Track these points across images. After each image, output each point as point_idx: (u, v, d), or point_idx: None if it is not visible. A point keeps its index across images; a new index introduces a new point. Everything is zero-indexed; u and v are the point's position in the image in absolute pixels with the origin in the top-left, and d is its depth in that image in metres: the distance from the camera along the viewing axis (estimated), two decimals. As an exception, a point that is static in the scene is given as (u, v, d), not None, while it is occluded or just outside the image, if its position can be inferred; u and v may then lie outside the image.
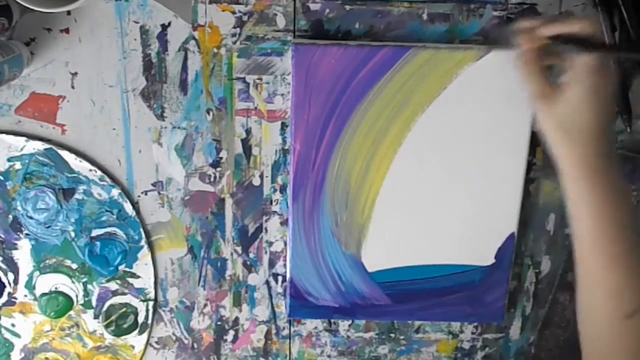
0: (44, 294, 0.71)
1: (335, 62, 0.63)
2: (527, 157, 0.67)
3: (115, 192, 0.69)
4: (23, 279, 0.72)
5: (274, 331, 0.75)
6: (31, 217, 0.70)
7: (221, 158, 0.69)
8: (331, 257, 0.69)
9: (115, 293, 0.72)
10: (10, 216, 0.70)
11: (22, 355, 0.74)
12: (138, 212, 0.70)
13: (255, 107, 0.67)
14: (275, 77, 0.66)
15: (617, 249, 0.54)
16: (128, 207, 0.69)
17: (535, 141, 0.67)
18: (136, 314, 0.73)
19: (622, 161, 0.69)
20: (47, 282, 0.71)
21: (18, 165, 0.68)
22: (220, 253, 0.72)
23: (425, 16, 0.65)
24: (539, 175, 0.70)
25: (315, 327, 0.75)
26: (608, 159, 0.56)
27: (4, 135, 0.67)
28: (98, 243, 0.70)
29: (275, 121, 0.68)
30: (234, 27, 0.65)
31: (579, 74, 0.54)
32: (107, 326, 0.72)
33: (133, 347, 0.74)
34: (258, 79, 0.66)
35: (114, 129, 0.68)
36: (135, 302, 0.73)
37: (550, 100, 0.55)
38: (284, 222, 0.71)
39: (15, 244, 0.71)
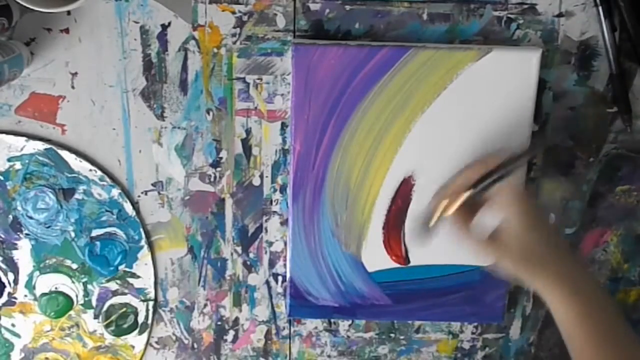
0: (44, 294, 0.71)
1: (335, 62, 0.63)
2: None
3: (115, 192, 0.69)
4: (23, 279, 0.72)
5: (274, 331, 0.75)
6: (31, 217, 0.70)
7: (221, 158, 0.69)
8: (331, 257, 0.69)
9: (115, 293, 0.72)
10: (10, 216, 0.70)
11: (22, 355, 0.74)
12: (138, 212, 0.70)
13: (255, 107, 0.67)
14: (275, 77, 0.66)
15: (615, 351, 0.55)
16: (128, 207, 0.70)
17: (535, 141, 0.68)
18: (136, 314, 0.73)
19: (622, 161, 0.69)
20: (47, 282, 0.71)
21: (18, 165, 0.68)
22: (220, 253, 0.72)
23: (425, 16, 0.65)
24: (539, 175, 0.70)
25: (315, 327, 0.75)
26: (574, 256, 0.59)
27: (4, 135, 0.67)
28: (98, 243, 0.70)
29: (275, 121, 0.68)
30: (234, 27, 0.65)
31: (500, 210, 0.57)
32: (107, 326, 0.72)
33: (133, 347, 0.74)
34: (258, 79, 0.66)
35: (114, 129, 0.68)
36: (135, 302, 0.73)
37: (493, 247, 0.58)
38: (284, 222, 0.71)
39: (15, 244, 0.71)
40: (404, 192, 0.67)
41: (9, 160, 0.68)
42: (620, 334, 0.56)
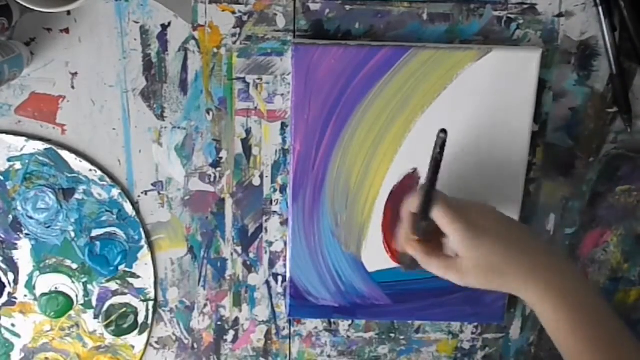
0: (44, 294, 0.71)
1: (335, 62, 0.63)
2: (527, 157, 0.67)
3: (115, 192, 0.69)
4: (23, 279, 0.72)
5: (274, 331, 0.75)
6: (31, 217, 0.70)
7: (221, 158, 0.69)
8: (331, 257, 0.69)
9: (115, 293, 0.72)
10: (10, 216, 0.70)
11: (22, 355, 0.74)
12: (138, 212, 0.70)
13: (255, 107, 0.67)
14: (275, 77, 0.66)
15: (600, 341, 0.53)
16: (128, 207, 0.70)
17: (535, 141, 0.68)
18: (136, 314, 0.73)
19: (622, 161, 0.69)
20: (47, 282, 0.71)
21: (18, 165, 0.68)
22: (220, 253, 0.72)
23: (425, 16, 0.65)
24: (539, 175, 0.70)
25: (315, 327, 0.75)
26: (550, 251, 0.57)
27: (4, 135, 0.67)
28: (98, 243, 0.70)
29: (275, 121, 0.68)
30: (234, 27, 0.65)
31: (446, 230, 0.56)
32: (107, 326, 0.72)
33: (133, 347, 0.74)
34: (258, 79, 0.66)
35: (114, 129, 0.68)
36: (135, 302, 0.73)
37: (457, 267, 0.57)
38: (284, 222, 0.71)
39: (15, 244, 0.71)
40: (405, 188, 0.67)
41: (9, 160, 0.68)
42: (603, 322, 0.54)
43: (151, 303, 0.73)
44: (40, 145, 0.68)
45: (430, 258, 0.59)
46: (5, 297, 0.72)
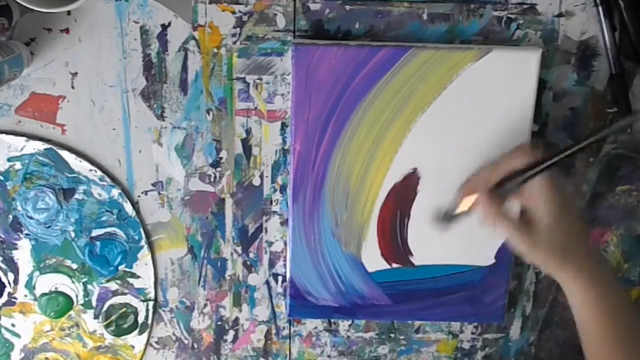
0: (44, 294, 0.71)
1: (335, 62, 0.63)
2: (527, 157, 0.67)
3: (115, 192, 0.69)
4: (23, 279, 0.72)
5: (274, 331, 0.75)
6: (31, 217, 0.70)
7: (221, 158, 0.69)
8: (331, 257, 0.69)
9: (115, 293, 0.72)
10: (10, 216, 0.70)
11: (22, 355, 0.74)
12: (138, 212, 0.70)
13: (255, 107, 0.67)
14: (275, 77, 0.66)
15: (623, 341, 0.57)
16: (128, 207, 0.70)
17: (535, 141, 0.68)
18: (136, 314, 0.73)
19: (622, 161, 0.69)
20: (47, 282, 0.71)
21: (18, 165, 0.68)
22: (220, 253, 0.72)
23: (425, 16, 0.65)
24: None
25: (315, 327, 0.75)
26: (600, 257, 0.62)
27: (4, 135, 0.67)
28: (98, 243, 0.70)
29: (275, 121, 0.68)
30: (234, 27, 0.65)
31: (537, 199, 0.57)
32: (107, 326, 0.72)
33: (133, 347, 0.74)
34: (258, 79, 0.66)
35: (114, 129, 0.68)
36: (135, 302, 0.73)
37: (525, 234, 0.58)
38: (284, 222, 0.71)
39: (15, 244, 0.71)
40: (405, 188, 0.67)
41: (9, 160, 0.68)
42: (634, 326, 0.57)
43: (151, 303, 0.73)
44: (40, 145, 0.68)
45: (504, 217, 0.59)
46: (5, 297, 0.72)
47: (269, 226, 0.71)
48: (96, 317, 0.73)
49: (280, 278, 0.73)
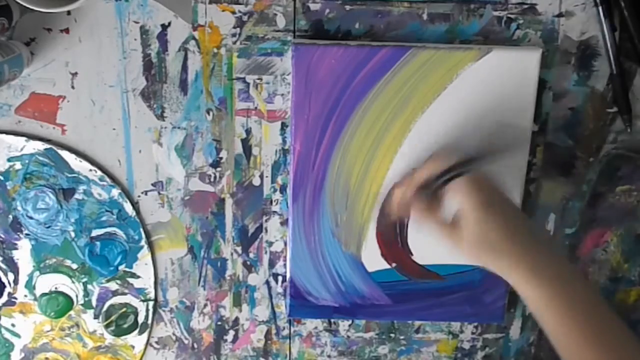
0: (44, 294, 0.71)
1: (335, 62, 0.63)
2: (527, 157, 0.67)
3: (115, 192, 0.69)
4: (23, 279, 0.72)
5: (274, 331, 0.75)
6: (31, 217, 0.70)
7: (221, 158, 0.69)
8: (331, 257, 0.69)
9: (115, 293, 0.72)
10: (10, 216, 0.70)
11: (22, 355, 0.74)
12: (138, 212, 0.70)
13: (255, 107, 0.67)
14: (275, 77, 0.66)
15: (591, 329, 0.54)
16: (128, 207, 0.70)
17: (535, 141, 0.68)
18: (136, 314, 0.73)
19: (622, 161, 0.69)
20: (47, 282, 0.71)
21: (18, 165, 0.68)
22: (220, 253, 0.72)
23: (425, 16, 0.65)
24: (539, 175, 0.70)
25: (315, 327, 0.75)
26: (546, 242, 0.59)
27: (4, 135, 0.67)
28: (98, 243, 0.70)
29: (275, 121, 0.68)
30: (234, 27, 0.65)
31: (459, 196, 0.57)
32: (107, 326, 0.72)
33: (133, 347, 0.74)
34: (258, 79, 0.66)
35: (114, 129, 0.68)
36: (135, 302, 0.73)
37: (452, 230, 0.58)
38: (284, 222, 0.71)
39: (15, 244, 0.71)
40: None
41: (9, 160, 0.68)
42: (597, 312, 0.54)
43: (151, 303, 0.73)
44: (40, 145, 0.68)
45: (432, 217, 0.60)
46: (5, 297, 0.72)
47: (269, 226, 0.71)
48: (96, 317, 0.73)
49: (280, 278, 0.73)
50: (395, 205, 0.64)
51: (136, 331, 0.73)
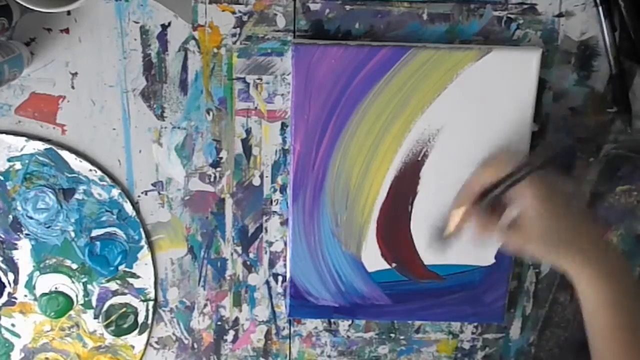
0: (44, 294, 0.71)
1: (335, 62, 0.63)
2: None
3: (115, 192, 0.69)
4: (23, 279, 0.72)
5: (274, 331, 0.75)
6: (31, 217, 0.70)
7: (221, 158, 0.69)
8: (331, 257, 0.69)
9: (115, 293, 0.72)
10: (10, 216, 0.70)
11: (22, 355, 0.74)
12: (138, 212, 0.70)
13: (255, 107, 0.67)
14: (275, 77, 0.66)
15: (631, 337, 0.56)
16: (128, 207, 0.70)
17: (535, 141, 0.68)
18: (136, 314, 0.73)
19: (622, 161, 0.69)
20: (47, 282, 0.71)
21: (18, 165, 0.68)
22: (220, 253, 0.72)
23: (425, 16, 0.65)
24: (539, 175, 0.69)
25: (315, 327, 0.75)
26: (605, 245, 0.61)
27: (4, 135, 0.67)
28: (98, 243, 0.70)
29: (275, 121, 0.68)
30: (234, 27, 0.65)
31: (522, 199, 0.58)
32: (107, 326, 0.72)
33: (133, 347, 0.74)
34: (258, 79, 0.66)
35: (114, 129, 0.68)
36: (135, 302, 0.73)
37: (516, 233, 0.59)
38: (284, 222, 0.71)
39: (15, 244, 0.71)
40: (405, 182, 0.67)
41: (9, 160, 0.68)
42: None
43: (151, 303, 0.73)
44: (40, 145, 0.68)
45: (492, 223, 0.61)
46: (5, 297, 0.72)
47: (269, 226, 0.71)
48: (96, 317, 0.73)
49: (280, 278, 0.73)
50: (457, 226, 0.63)
51: (136, 331, 0.73)
